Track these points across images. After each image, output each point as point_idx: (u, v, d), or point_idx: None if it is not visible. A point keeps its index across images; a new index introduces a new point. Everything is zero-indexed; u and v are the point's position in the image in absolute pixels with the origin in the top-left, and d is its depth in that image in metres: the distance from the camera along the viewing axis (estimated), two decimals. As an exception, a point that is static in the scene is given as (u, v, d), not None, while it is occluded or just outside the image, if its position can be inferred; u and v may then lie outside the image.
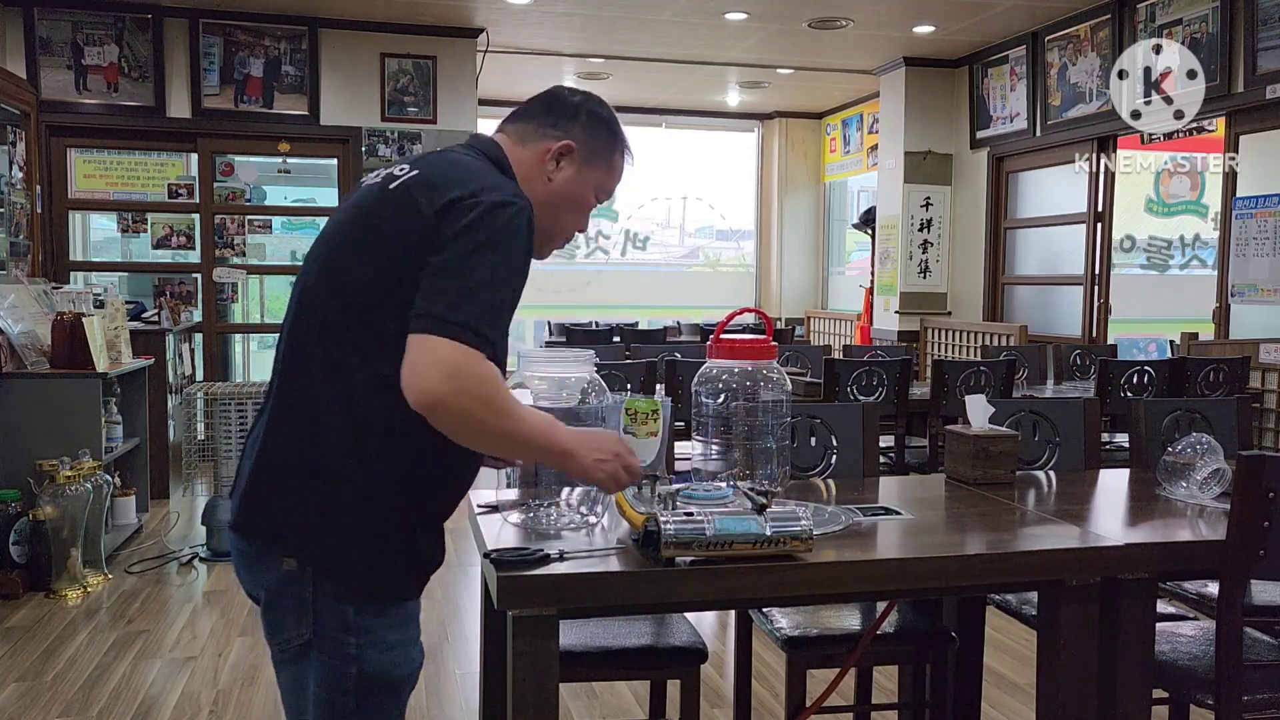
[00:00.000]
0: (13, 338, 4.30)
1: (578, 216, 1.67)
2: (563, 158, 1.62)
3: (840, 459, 2.55)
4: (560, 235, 1.68)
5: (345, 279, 1.47)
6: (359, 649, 1.47)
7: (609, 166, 1.68)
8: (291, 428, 1.49)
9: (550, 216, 1.61)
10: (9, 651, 3.50)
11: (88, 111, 6.68)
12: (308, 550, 1.47)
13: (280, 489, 1.48)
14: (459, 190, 1.44)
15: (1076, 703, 1.81)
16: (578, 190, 1.64)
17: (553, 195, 1.61)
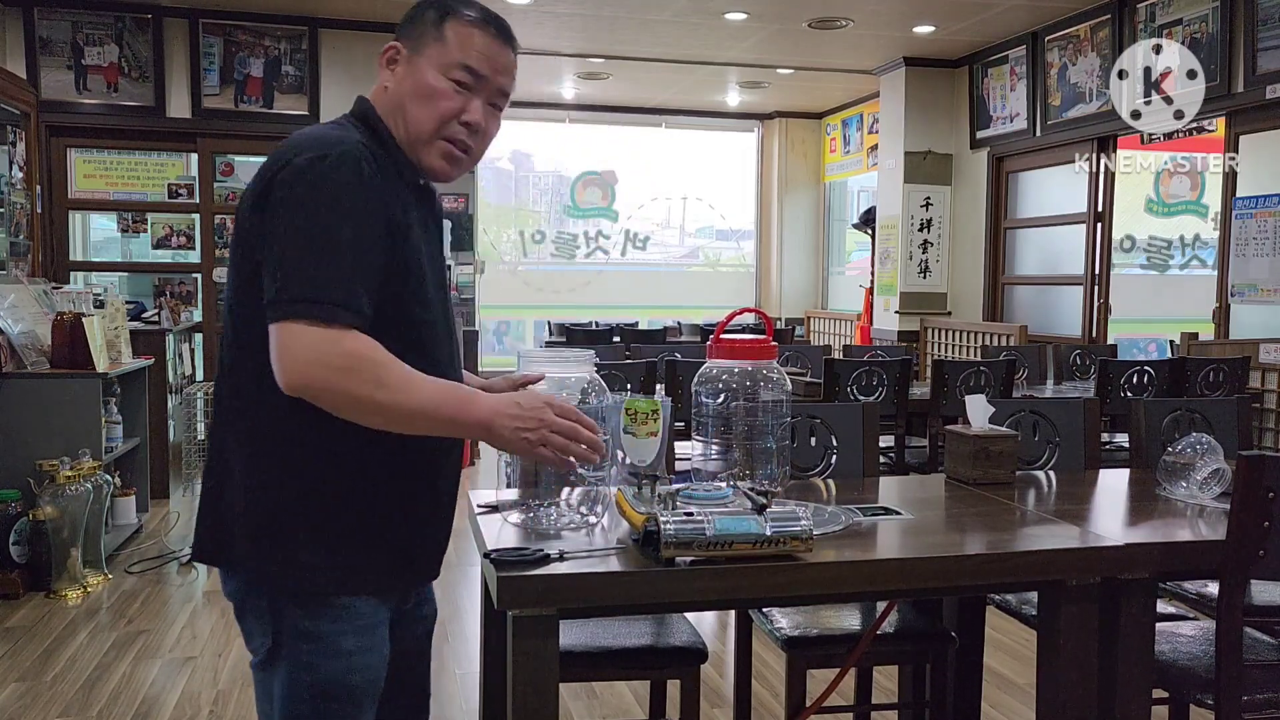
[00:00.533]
0: (13, 338, 4.30)
1: (428, 108, 1.49)
2: (394, 61, 1.53)
3: (840, 459, 2.55)
4: (422, 132, 1.50)
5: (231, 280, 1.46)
6: (311, 655, 1.45)
7: (440, 39, 1.51)
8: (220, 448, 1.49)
9: (403, 123, 1.50)
10: (9, 651, 3.50)
11: (88, 111, 6.67)
12: (257, 562, 1.45)
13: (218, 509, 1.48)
14: (271, 172, 1.39)
15: (1076, 703, 1.81)
16: (416, 81, 1.49)
17: (393, 99, 1.50)
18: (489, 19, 1.58)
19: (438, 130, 1.50)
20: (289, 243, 1.34)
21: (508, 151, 10.48)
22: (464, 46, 1.52)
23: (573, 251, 10.34)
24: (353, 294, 1.35)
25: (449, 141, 1.52)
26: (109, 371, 4.50)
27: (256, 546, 1.45)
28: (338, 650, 1.46)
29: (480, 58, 1.53)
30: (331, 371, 1.32)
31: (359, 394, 1.34)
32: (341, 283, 1.34)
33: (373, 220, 1.39)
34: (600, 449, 1.52)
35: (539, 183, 10.72)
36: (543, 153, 10.56)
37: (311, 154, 1.38)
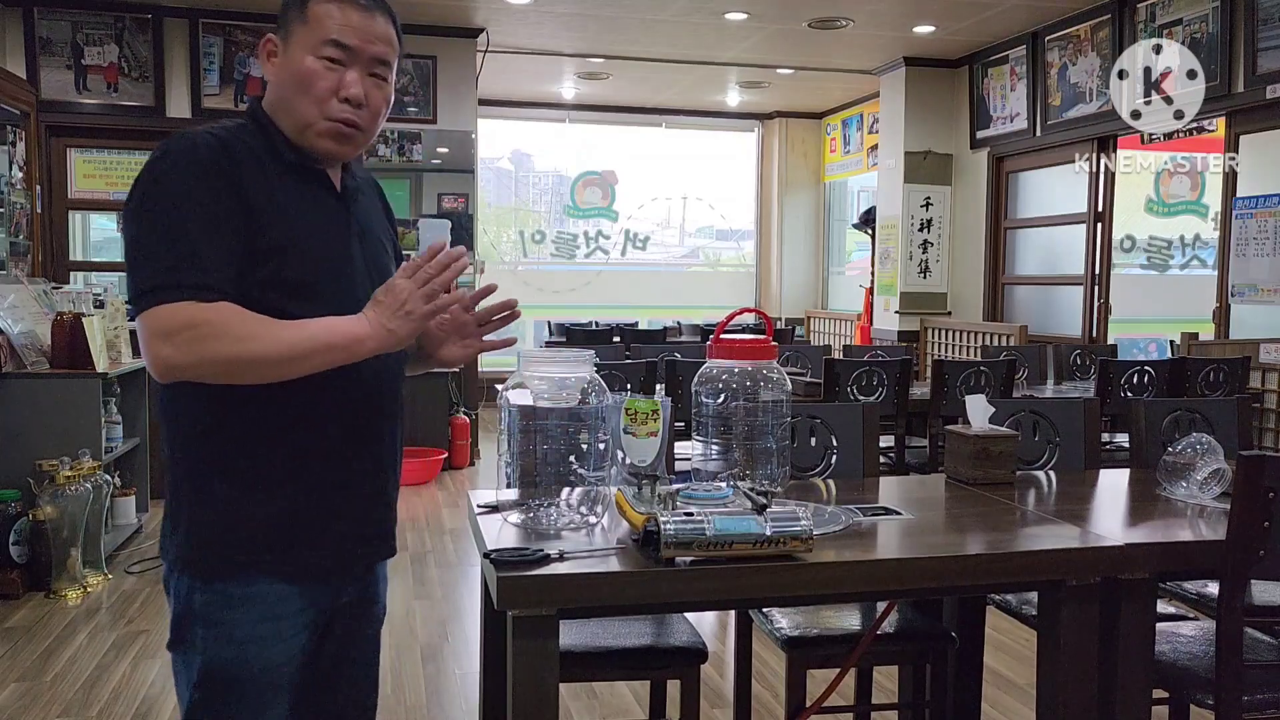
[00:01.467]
0: (13, 338, 4.30)
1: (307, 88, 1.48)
2: (270, 57, 1.53)
3: (840, 459, 2.55)
4: (307, 118, 1.50)
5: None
6: (204, 641, 1.44)
7: (304, 20, 1.49)
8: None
9: (286, 113, 1.50)
10: (9, 651, 3.50)
11: (88, 111, 6.68)
12: (172, 543, 1.49)
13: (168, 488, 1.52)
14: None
15: (1076, 703, 1.81)
16: (291, 69, 1.49)
17: (276, 93, 1.52)
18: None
19: (321, 113, 1.49)
20: (130, 245, 1.39)
21: (508, 151, 10.48)
22: (327, 23, 1.49)
23: (573, 251, 10.34)
24: (191, 272, 1.35)
25: (333, 121, 1.50)
26: (109, 371, 4.50)
27: (172, 528, 1.49)
28: (230, 638, 1.44)
29: (345, 29, 1.49)
30: (184, 343, 1.34)
31: (222, 353, 1.35)
32: (178, 266, 1.35)
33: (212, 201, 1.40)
34: (460, 257, 1.46)
35: (539, 183, 10.72)
36: (543, 153, 10.56)
37: (155, 155, 1.44)
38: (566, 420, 1.80)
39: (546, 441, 1.80)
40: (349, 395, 1.51)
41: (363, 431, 1.54)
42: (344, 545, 1.54)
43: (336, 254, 1.53)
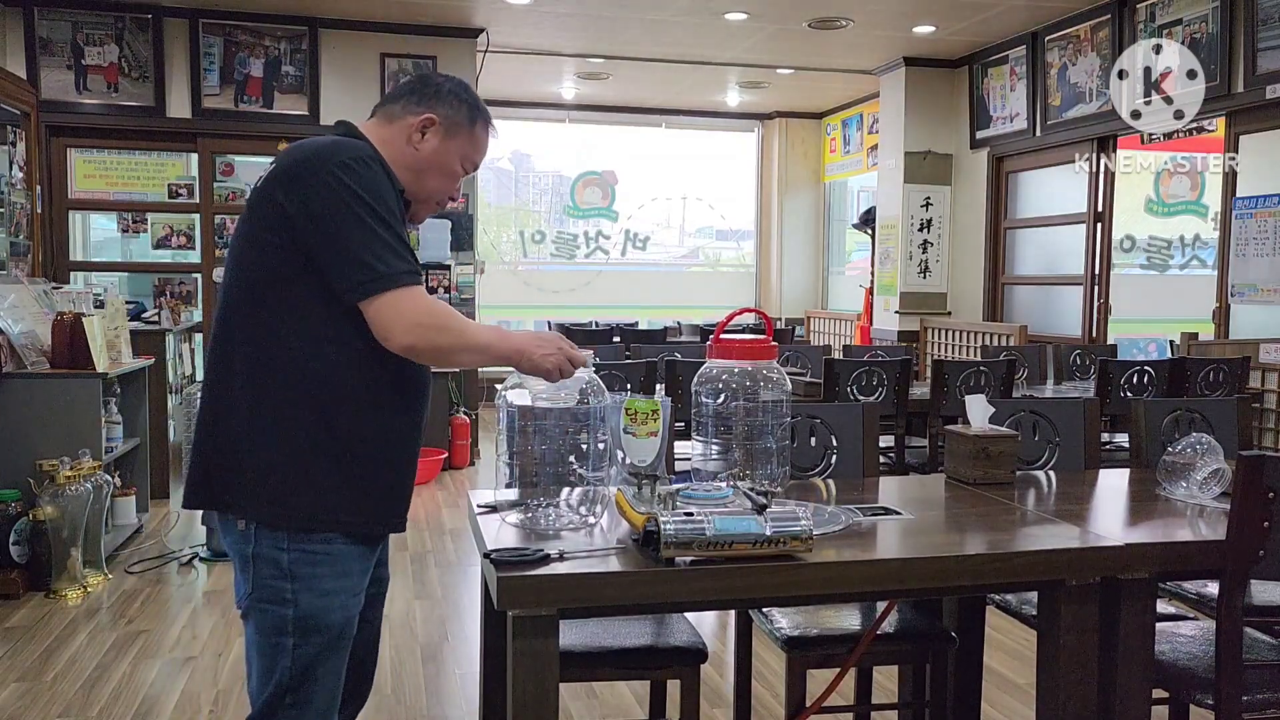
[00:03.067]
0: (13, 338, 4.30)
1: (446, 182, 1.85)
2: (427, 129, 1.81)
3: (840, 459, 2.55)
4: (430, 198, 1.85)
5: (243, 269, 1.70)
6: (295, 593, 1.66)
7: (471, 137, 1.85)
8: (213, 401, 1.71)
9: (418, 181, 1.81)
10: (9, 651, 3.50)
11: (88, 111, 6.67)
12: (245, 505, 1.67)
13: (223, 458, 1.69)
14: (307, 170, 1.65)
15: (1076, 703, 1.81)
16: (442, 158, 1.82)
17: (419, 162, 1.81)
18: (492, 122, 1.91)
19: (436, 195, 1.86)
20: (351, 229, 1.62)
21: (508, 151, 10.48)
22: (481, 149, 1.88)
23: (573, 251, 10.34)
24: (412, 260, 1.67)
25: (437, 204, 1.88)
26: (109, 371, 4.50)
27: (251, 490, 1.66)
28: (319, 589, 1.67)
29: (482, 156, 1.91)
30: (427, 323, 1.65)
31: (446, 342, 1.67)
32: (404, 252, 1.65)
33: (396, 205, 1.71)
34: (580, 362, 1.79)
35: (539, 183, 10.72)
36: (543, 153, 10.56)
37: (348, 156, 1.66)
38: (565, 420, 1.80)
39: (545, 441, 1.80)
40: (421, 393, 1.80)
41: (419, 424, 1.82)
42: (395, 516, 1.79)
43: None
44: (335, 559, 1.68)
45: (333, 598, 1.67)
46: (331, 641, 1.69)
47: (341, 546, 1.69)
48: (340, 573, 1.69)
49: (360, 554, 1.73)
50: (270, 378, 1.66)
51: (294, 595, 1.65)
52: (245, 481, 1.66)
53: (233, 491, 1.68)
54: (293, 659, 1.66)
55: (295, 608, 1.65)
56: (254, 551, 1.66)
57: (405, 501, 1.80)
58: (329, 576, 1.67)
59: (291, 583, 1.65)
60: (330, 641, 1.69)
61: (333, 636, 1.69)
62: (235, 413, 1.67)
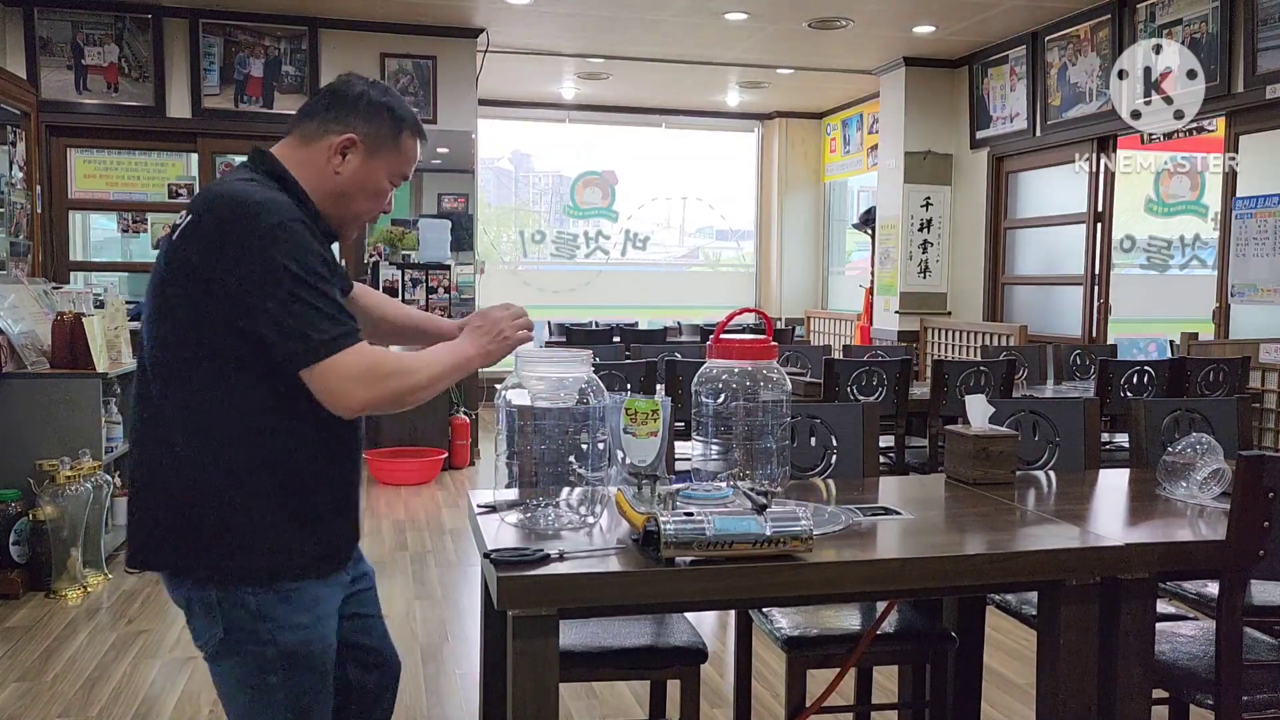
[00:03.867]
0: (13, 338, 4.30)
1: (373, 202, 1.75)
2: (348, 150, 1.69)
3: (840, 459, 2.55)
4: (357, 219, 1.77)
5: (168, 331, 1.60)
6: (271, 632, 1.62)
7: (397, 151, 1.73)
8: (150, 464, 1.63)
9: (343, 205, 1.72)
10: (9, 651, 3.50)
11: (88, 111, 6.68)
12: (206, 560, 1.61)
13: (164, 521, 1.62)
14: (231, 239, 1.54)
15: (1076, 703, 1.81)
16: (367, 179, 1.71)
17: (342, 186, 1.70)
18: (420, 126, 1.79)
19: (369, 214, 1.78)
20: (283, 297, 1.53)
21: (508, 151, 10.48)
22: (409, 160, 1.76)
23: (573, 251, 10.34)
24: (348, 319, 1.59)
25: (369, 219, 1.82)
26: (109, 371, 4.49)
27: (202, 547, 1.60)
28: (294, 624, 1.63)
29: (412, 165, 1.78)
30: (373, 382, 1.57)
31: (399, 388, 1.61)
32: (338, 314, 1.58)
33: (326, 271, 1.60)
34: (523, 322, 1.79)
35: (539, 183, 10.72)
36: (543, 153, 10.56)
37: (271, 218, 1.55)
38: (565, 420, 1.80)
39: (545, 441, 1.80)
40: (356, 436, 1.74)
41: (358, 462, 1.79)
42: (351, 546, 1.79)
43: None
44: (304, 593, 1.64)
45: (310, 629, 1.65)
46: (317, 673, 1.67)
47: (308, 584, 1.65)
48: (311, 604, 1.65)
49: (327, 584, 1.70)
50: (216, 441, 1.58)
51: (271, 634, 1.61)
52: (203, 543, 1.60)
53: (188, 554, 1.61)
54: (285, 693, 1.64)
55: (275, 646, 1.62)
56: (217, 598, 1.61)
57: (357, 529, 1.79)
58: (302, 610, 1.64)
59: (265, 622, 1.61)
60: (316, 673, 1.67)
61: (317, 668, 1.67)
62: (181, 476, 1.60)
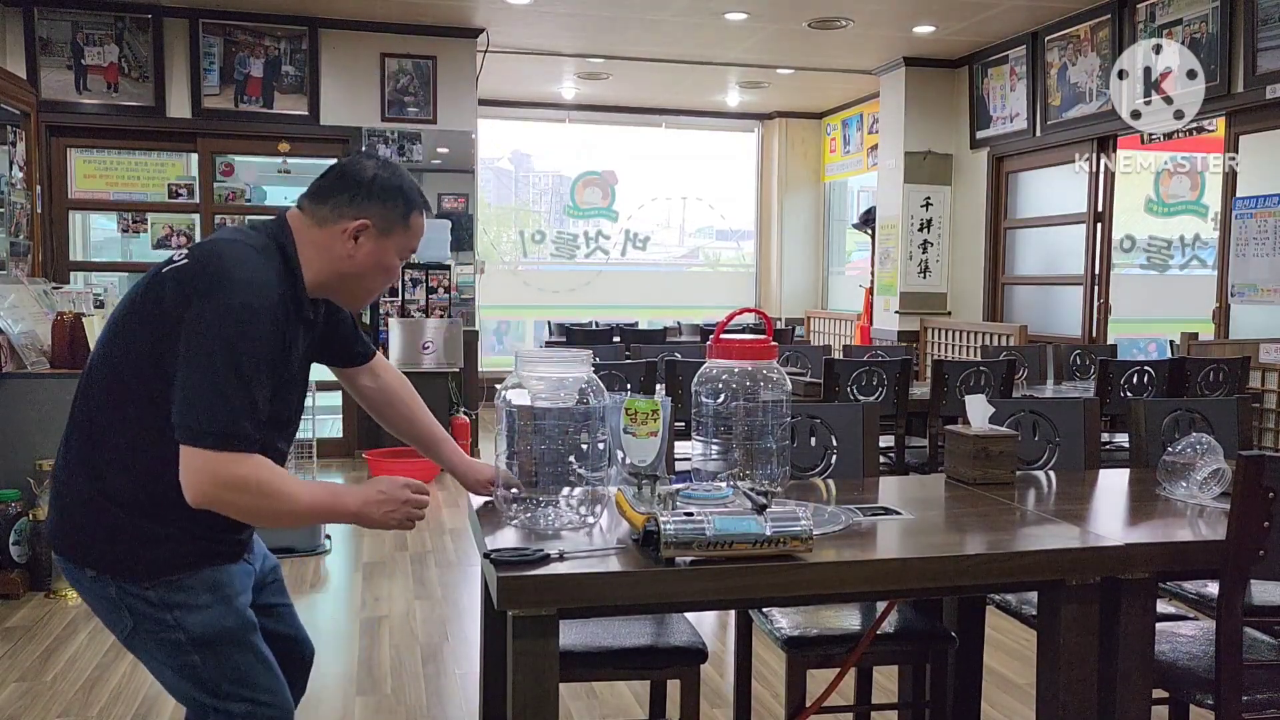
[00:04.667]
0: (13, 338, 4.30)
1: (385, 278, 1.82)
2: (360, 234, 1.75)
3: (840, 459, 2.55)
4: (370, 295, 1.85)
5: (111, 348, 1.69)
6: (176, 619, 1.68)
7: (406, 229, 1.79)
8: (63, 459, 1.73)
9: (355, 284, 1.80)
10: (9, 651, 3.50)
11: (88, 111, 6.68)
12: (98, 558, 1.68)
13: (68, 514, 1.71)
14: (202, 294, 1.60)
15: (1076, 703, 1.81)
16: (380, 259, 1.78)
17: (357, 268, 1.77)
18: (426, 202, 1.85)
19: (379, 291, 1.87)
20: (204, 375, 1.58)
21: (508, 151, 10.48)
22: (417, 236, 1.82)
23: (573, 251, 10.34)
24: (247, 425, 1.60)
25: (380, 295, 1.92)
26: (109, 371, 4.49)
27: (94, 550, 1.68)
28: (197, 607, 1.69)
29: (419, 240, 1.84)
30: (227, 491, 1.60)
31: (251, 506, 1.63)
32: (241, 416, 1.59)
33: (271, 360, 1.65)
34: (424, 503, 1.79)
35: (539, 183, 10.72)
36: (543, 153, 10.56)
37: (242, 298, 1.60)
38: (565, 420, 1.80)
39: (545, 441, 1.80)
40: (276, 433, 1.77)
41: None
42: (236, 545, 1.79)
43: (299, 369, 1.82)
44: (200, 578, 1.70)
45: (214, 609, 1.70)
46: (241, 643, 1.72)
47: (204, 570, 1.71)
48: (211, 586, 1.71)
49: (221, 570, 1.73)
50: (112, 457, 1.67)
51: (177, 620, 1.68)
52: (92, 540, 1.68)
53: (80, 548, 1.70)
54: (210, 669, 1.70)
55: (183, 630, 1.68)
56: (115, 594, 1.69)
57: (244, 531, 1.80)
58: (202, 593, 1.69)
59: (169, 612, 1.67)
60: (240, 644, 1.72)
61: (238, 639, 1.72)
62: (77, 476, 1.69)
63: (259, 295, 1.62)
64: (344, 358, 2.02)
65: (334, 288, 1.78)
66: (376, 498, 1.73)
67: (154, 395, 1.63)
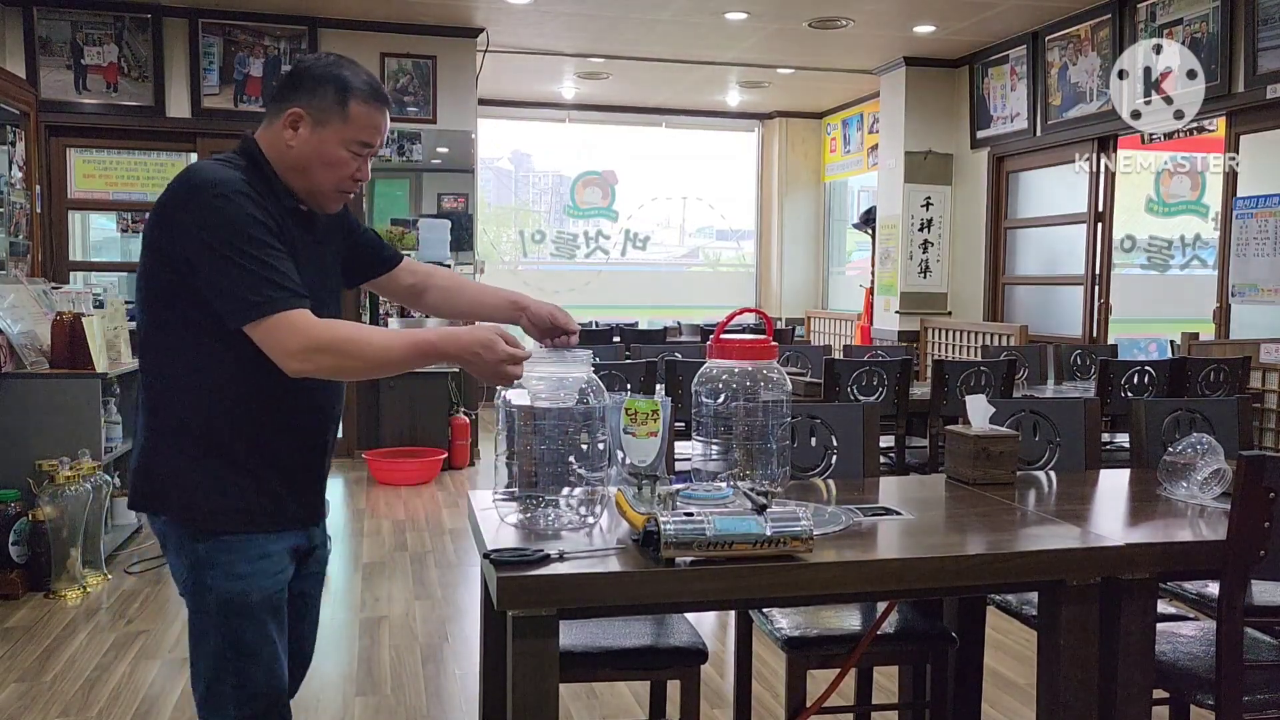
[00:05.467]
0: (13, 338, 4.29)
1: (333, 171, 1.79)
2: (298, 124, 1.77)
3: (840, 459, 2.55)
4: (325, 189, 1.81)
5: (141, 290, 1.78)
6: (212, 579, 1.74)
7: (345, 119, 1.77)
8: (142, 408, 1.81)
9: (304, 178, 1.79)
10: (9, 651, 3.50)
11: (87, 111, 6.67)
12: (175, 508, 1.76)
13: (141, 464, 1.79)
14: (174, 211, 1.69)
15: (1077, 703, 1.81)
16: (320, 149, 1.77)
17: (298, 160, 1.77)
18: (376, 92, 1.81)
19: (335, 186, 1.81)
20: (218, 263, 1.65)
21: (508, 151, 10.48)
22: (363, 126, 1.78)
23: (573, 251, 10.34)
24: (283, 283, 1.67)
25: (342, 192, 1.84)
26: (109, 371, 4.49)
27: (170, 496, 1.76)
28: (234, 573, 1.75)
29: (372, 131, 1.80)
30: (318, 353, 1.66)
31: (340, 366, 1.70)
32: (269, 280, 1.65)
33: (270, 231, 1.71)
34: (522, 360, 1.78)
35: (539, 183, 10.71)
36: (543, 153, 10.56)
37: (211, 192, 1.67)
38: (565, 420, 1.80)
39: (545, 441, 1.80)
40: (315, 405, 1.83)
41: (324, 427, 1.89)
42: (311, 509, 1.89)
43: (313, 276, 1.82)
44: (248, 545, 1.76)
45: (249, 580, 1.75)
46: (256, 619, 1.76)
47: (257, 535, 1.77)
48: (255, 556, 1.76)
49: (279, 538, 1.80)
50: (163, 392, 1.76)
51: (211, 581, 1.74)
52: (158, 487, 1.77)
53: (150, 496, 1.79)
54: (220, 635, 1.75)
55: (213, 593, 1.74)
56: (176, 543, 1.78)
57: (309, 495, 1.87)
58: (242, 561, 1.75)
59: (210, 570, 1.74)
60: (255, 619, 1.76)
61: (256, 615, 1.76)
62: (145, 425, 1.79)
63: (225, 184, 1.68)
64: (377, 264, 2.06)
65: (295, 186, 1.80)
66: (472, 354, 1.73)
67: (187, 319, 1.70)
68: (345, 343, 1.68)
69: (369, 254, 2.05)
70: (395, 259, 2.09)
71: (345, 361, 1.69)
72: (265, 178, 1.76)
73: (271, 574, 1.78)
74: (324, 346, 1.66)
